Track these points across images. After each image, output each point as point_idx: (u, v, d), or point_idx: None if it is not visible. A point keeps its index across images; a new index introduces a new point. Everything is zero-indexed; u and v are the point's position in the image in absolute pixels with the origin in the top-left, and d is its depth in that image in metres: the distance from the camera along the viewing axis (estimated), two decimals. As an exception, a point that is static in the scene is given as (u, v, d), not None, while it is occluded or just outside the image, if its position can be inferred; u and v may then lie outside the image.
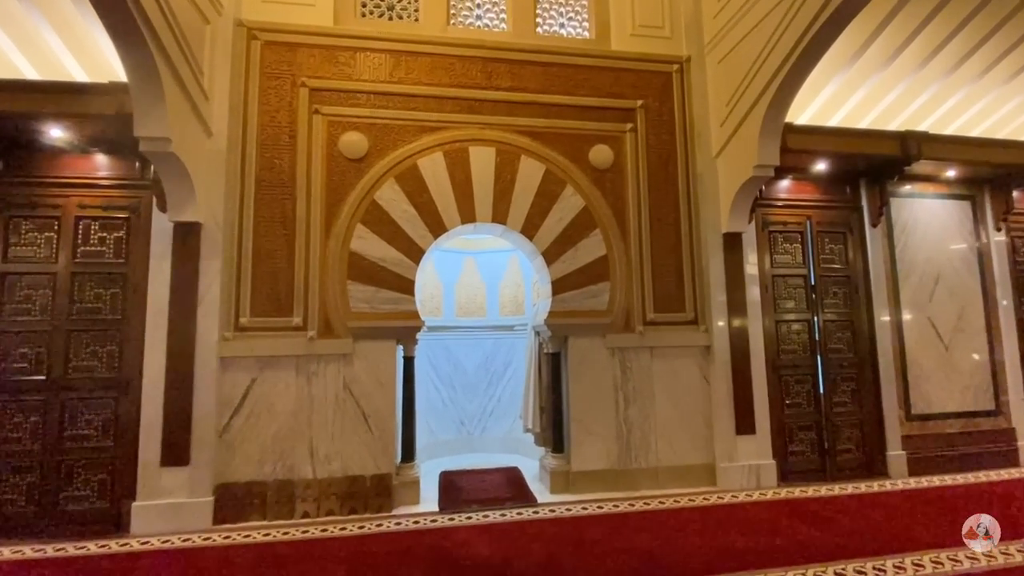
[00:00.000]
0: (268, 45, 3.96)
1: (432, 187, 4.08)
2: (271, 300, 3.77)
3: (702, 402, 4.32)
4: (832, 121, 4.55)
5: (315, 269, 3.84)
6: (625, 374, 4.21)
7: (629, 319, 4.26)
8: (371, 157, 4.02)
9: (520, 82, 4.33)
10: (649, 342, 4.25)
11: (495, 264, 5.57)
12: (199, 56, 3.51)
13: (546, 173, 4.26)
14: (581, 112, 4.39)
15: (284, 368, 3.74)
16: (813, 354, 4.63)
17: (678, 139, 4.53)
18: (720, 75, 4.38)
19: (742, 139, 4.09)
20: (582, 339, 4.18)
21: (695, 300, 4.39)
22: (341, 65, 4.06)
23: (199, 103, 3.53)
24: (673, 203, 4.46)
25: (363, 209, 3.96)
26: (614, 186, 4.39)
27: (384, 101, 4.09)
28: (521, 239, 4.27)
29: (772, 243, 4.65)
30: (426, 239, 4.04)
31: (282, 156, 3.90)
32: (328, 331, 3.83)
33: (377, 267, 3.92)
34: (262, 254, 3.79)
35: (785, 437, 4.46)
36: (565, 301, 4.17)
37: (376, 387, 3.85)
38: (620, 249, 4.31)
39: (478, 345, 5.56)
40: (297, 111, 3.94)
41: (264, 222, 3.82)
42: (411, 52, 4.17)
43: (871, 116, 4.55)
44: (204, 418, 3.53)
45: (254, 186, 3.83)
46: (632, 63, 4.52)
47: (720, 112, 4.35)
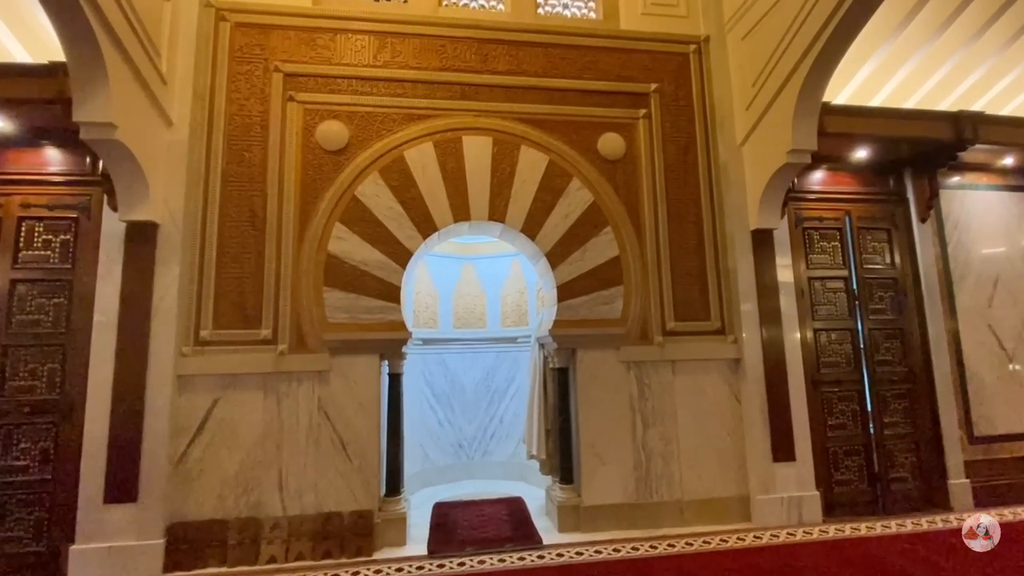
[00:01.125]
0: (239, 27, 3.57)
1: (421, 181, 3.62)
2: (237, 310, 3.31)
3: (732, 424, 3.75)
4: (872, 103, 4.03)
5: (287, 274, 3.38)
6: (643, 392, 3.67)
7: (646, 329, 3.74)
8: (352, 148, 3.58)
9: (519, 65, 3.88)
10: (670, 355, 3.71)
11: (495, 270, 5.08)
12: (155, 36, 3.11)
13: (549, 164, 3.78)
14: (588, 97, 3.93)
15: (250, 387, 3.26)
16: (858, 367, 4.05)
17: (698, 126, 4.04)
18: (744, 53, 3.90)
19: (772, 122, 3.59)
20: (593, 352, 3.66)
21: (721, 307, 3.85)
22: (320, 48, 3.64)
23: (155, 88, 3.12)
24: (694, 197, 3.95)
25: (342, 206, 3.51)
26: (627, 179, 3.89)
27: (367, 87, 3.66)
28: (522, 239, 3.78)
29: (807, 242, 4.10)
30: (414, 239, 3.57)
31: (252, 148, 3.47)
32: (301, 345, 3.35)
33: (358, 271, 3.45)
34: (227, 257, 3.35)
35: (829, 464, 3.87)
36: (573, 309, 3.66)
37: (356, 409, 3.35)
38: (634, 249, 3.80)
39: (478, 359, 5.05)
40: (270, 98, 3.53)
41: (231, 222, 3.38)
42: (398, 33, 3.75)
43: (916, 97, 4.04)
44: (156, 446, 3.06)
45: (220, 181, 3.40)
46: (644, 43, 4.06)
47: (745, 94, 3.86)
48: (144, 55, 3.00)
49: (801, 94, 3.30)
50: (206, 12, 3.51)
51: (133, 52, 2.88)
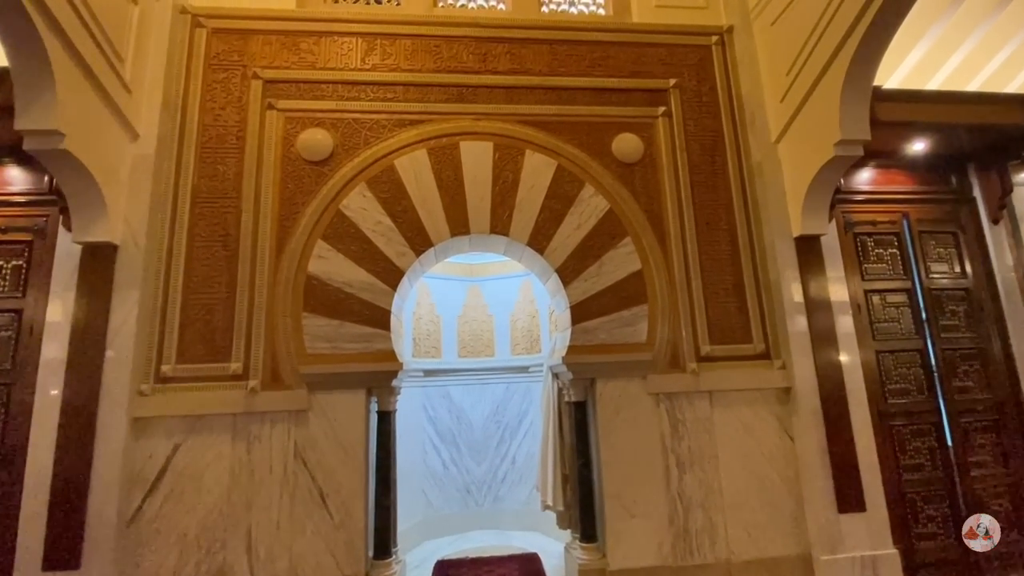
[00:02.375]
0: (216, 33, 3.29)
1: (413, 192, 3.22)
2: (204, 341, 2.91)
3: (786, 466, 3.14)
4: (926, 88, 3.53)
5: (262, 300, 2.98)
6: (676, 429, 3.11)
7: (677, 354, 3.20)
8: (337, 158, 3.21)
9: (522, 64, 3.51)
10: (706, 384, 3.16)
11: (504, 292, 4.62)
12: (118, 40, 2.83)
13: (558, 170, 3.36)
14: (600, 96, 3.52)
15: (217, 430, 2.82)
16: (931, 395, 3.42)
17: (725, 123, 3.58)
18: (774, 41, 3.46)
19: (813, 113, 3.11)
20: (615, 382, 3.13)
21: (764, 327, 3.30)
22: (303, 53, 3.34)
23: (118, 97, 2.83)
24: (725, 202, 3.46)
25: (325, 222, 3.12)
26: (646, 183, 3.44)
27: (354, 91, 3.32)
28: (529, 254, 3.33)
29: (860, 249, 3.55)
30: (405, 257, 3.15)
31: (227, 161, 3.13)
32: (276, 380, 2.91)
33: (342, 294, 3.03)
34: (196, 282, 2.96)
35: (907, 513, 3.21)
36: (589, 332, 3.15)
37: (339, 455, 2.87)
38: (659, 262, 3.30)
39: (486, 392, 4.53)
40: (248, 107, 3.21)
41: (200, 242, 3.02)
42: (388, 34, 3.43)
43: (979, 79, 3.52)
44: (105, 502, 2.62)
45: (190, 198, 3.05)
46: (660, 37, 3.67)
47: (778, 85, 3.41)
48: (103, 60, 2.71)
49: (849, 76, 2.83)
50: (181, 19, 3.25)
51: (88, 56, 2.58)
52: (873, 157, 3.53)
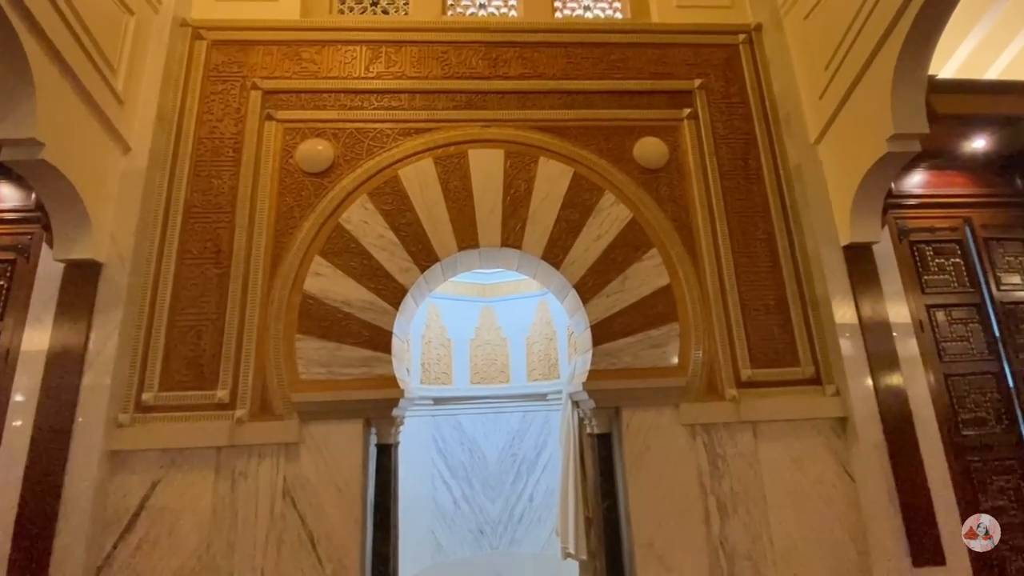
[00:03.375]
0: (216, 45, 3.18)
1: (418, 204, 2.99)
2: (190, 366, 2.67)
3: (846, 511, 2.71)
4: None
5: (253, 320, 2.74)
6: (716, 466, 2.71)
7: (713, 379, 2.83)
8: (337, 169, 3.01)
9: (535, 68, 3.30)
10: (749, 414, 2.77)
11: (519, 313, 4.31)
12: (110, 50, 2.71)
13: (575, 178, 3.09)
14: (618, 99, 3.28)
15: (199, 466, 2.54)
16: (1012, 425, 2.95)
17: (757, 125, 3.29)
18: (808, 35, 3.19)
19: (859, 107, 2.81)
20: (643, 412, 2.76)
21: (813, 347, 2.91)
22: (305, 62, 3.19)
23: (108, 109, 2.69)
24: (761, 208, 3.13)
25: (323, 237, 2.90)
26: (672, 190, 3.14)
27: (357, 100, 3.14)
28: (544, 269, 3.04)
29: (918, 259, 3.16)
30: (409, 272, 2.89)
31: (222, 175, 2.96)
32: (265, 410, 2.64)
33: (339, 314, 2.77)
34: (183, 302, 2.75)
35: (994, 567, 2.72)
36: (613, 355, 2.82)
37: (332, 494, 2.56)
38: (689, 276, 2.97)
39: (500, 422, 4.18)
40: (246, 118, 3.05)
41: (191, 259, 2.81)
42: (394, 42, 3.27)
43: (1043, 71, 3.17)
44: (73, 546, 2.34)
45: (182, 213, 2.87)
46: (682, 37, 3.43)
47: (816, 82, 3.11)
48: (92, 70, 2.58)
49: (900, 62, 2.52)
50: (180, 31, 3.14)
51: (75, 64, 2.45)
52: (927, 157, 3.15)
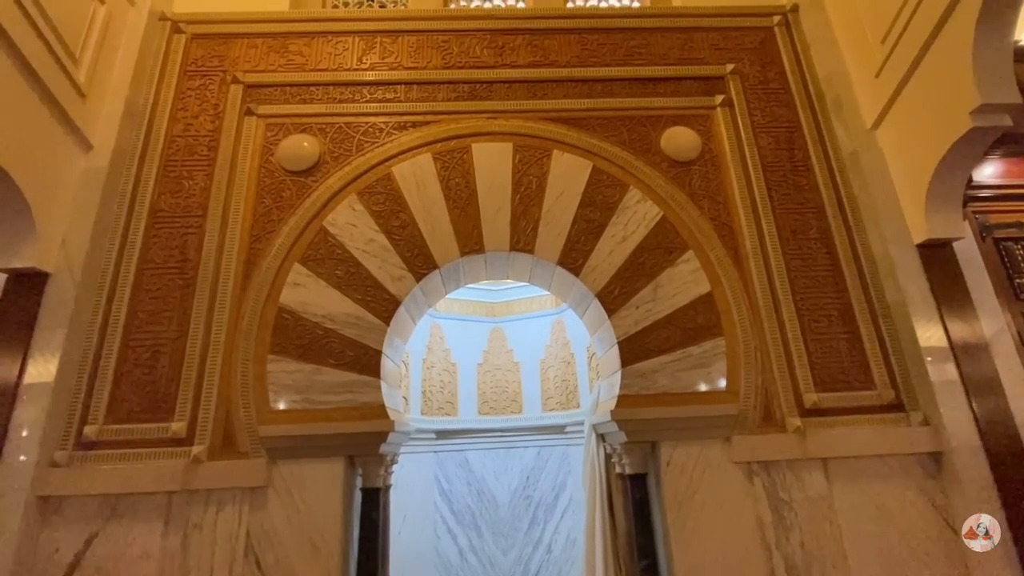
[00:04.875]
0: (197, 39, 2.90)
1: (414, 204, 2.60)
2: (143, 394, 2.25)
3: (949, 572, 2.13)
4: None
5: (220, 339, 2.34)
6: (781, 516, 2.17)
7: (771, 406, 2.32)
8: (324, 167, 2.66)
9: (546, 55, 2.96)
10: (818, 448, 2.24)
11: (532, 333, 3.85)
12: (71, 37, 2.42)
13: (594, 172, 2.69)
14: (641, 87, 2.90)
15: (145, 515, 2.09)
16: None
17: (801, 111, 2.87)
18: (856, 8, 2.81)
19: (929, 81, 2.39)
20: (687, 447, 2.25)
21: (889, 366, 2.40)
22: (292, 55, 2.89)
23: (66, 103, 2.38)
24: (813, 204, 2.68)
25: (305, 242, 2.51)
26: (707, 185, 2.72)
27: (348, 93, 2.82)
28: (561, 276, 2.60)
29: (1006, 259, 2.65)
30: (403, 282, 2.48)
31: (194, 175, 2.62)
32: (228, 446, 2.20)
33: (320, 331, 2.36)
34: (141, 319, 2.36)
35: None
36: (647, 376, 2.34)
37: (306, 552, 2.08)
38: (733, 282, 2.51)
39: (513, 459, 3.67)
40: (224, 114, 2.73)
41: (153, 268, 2.44)
42: (390, 31, 2.97)
43: None
44: (-17, 621, 1.89)
45: (146, 217, 2.52)
46: (709, 20, 3.08)
47: (870, 59, 2.71)
48: (49, 58, 2.28)
49: (982, 21, 2.11)
50: (159, 25, 2.88)
51: (27, 49, 2.16)
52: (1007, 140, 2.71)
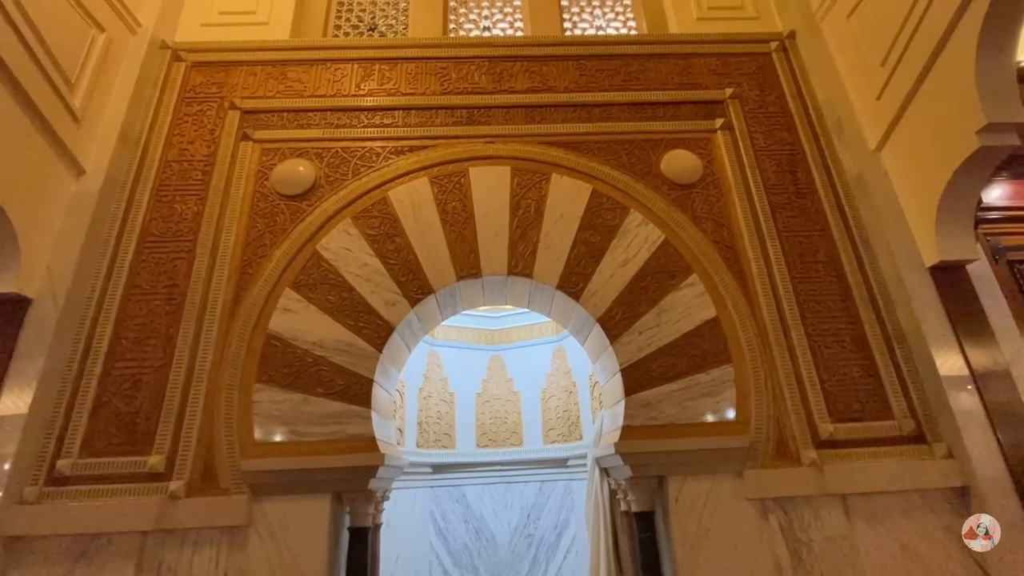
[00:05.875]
0: (197, 66, 2.91)
1: (410, 227, 2.55)
2: (121, 425, 2.14)
3: (987, 622, 1.96)
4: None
5: (205, 366, 2.24)
6: (800, 558, 2.01)
7: (784, 438, 2.20)
8: (319, 191, 2.62)
9: (544, 81, 2.96)
10: (836, 483, 2.10)
11: (532, 361, 3.74)
12: (68, 62, 2.43)
13: (594, 195, 2.64)
14: (639, 111, 2.89)
15: (115, 557, 1.95)
16: None
17: (803, 135, 2.85)
18: (855, 33, 2.81)
19: (933, 102, 2.36)
20: (696, 482, 2.11)
21: (907, 394, 2.28)
22: (290, 81, 2.90)
23: (58, 126, 2.36)
24: (819, 227, 2.62)
25: (297, 267, 2.45)
26: (710, 208, 2.66)
27: (345, 119, 2.81)
28: (561, 301, 2.52)
29: (1022, 282, 2.57)
30: (397, 307, 2.39)
31: (187, 200, 2.58)
32: (208, 481, 2.08)
33: (309, 358, 2.26)
34: (124, 346, 2.27)
35: None
36: (652, 406, 2.22)
37: (286, 597, 1.93)
38: (740, 306, 2.42)
39: (513, 494, 3.49)
40: (220, 140, 2.71)
41: (140, 294, 2.37)
42: (389, 59, 2.98)
43: None
44: (-68, 677, 1.73)
45: (136, 242, 2.46)
46: (707, 47, 3.09)
47: (871, 82, 2.69)
48: (42, 80, 2.28)
49: (984, 42, 2.09)
50: (160, 53, 2.90)
51: (20, 72, 2.15)
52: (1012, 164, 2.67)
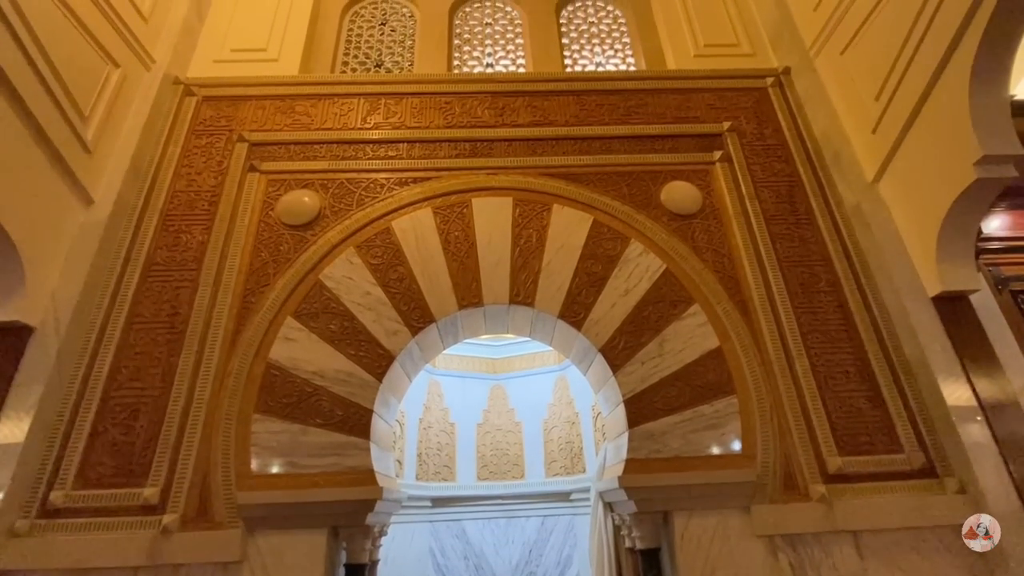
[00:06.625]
0: (207, 100, 3.00)
1: (413, 257, 2.57)
2: (117, 455, 2.11)
3: (1011, 670, 1.87)
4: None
5: (204, 395, 2.22)
6: (812, 599, 1.94)
7: (792, 471, 2.15)
8: (323, 221, 2.65)
9: (545, 115, 3.04)
10: (847, 520, 2.04)
11: (534, 392, 3.70)
12: (83, 98, 2.51)
13: (595, 226, 2.67)
14: (639, 144, 2.95)
15: (104, 597, 1.89)
16: None
17: (800, 166, 2.89)
18: (848, 69, 2.89)
19: (928, 135, 2.40)
20: (703, 518, 2.06)
21: (915, 426, 2.24)
22: (298, 115, 2.98)
23: (70, 157, 2.41)
24: (820, 257, 2.63)
25: (300, 296, 2.46)
26: (710, 238, 2.68)
27: (351, 151, 2.87)
28: (563, 330, 2.51)
29: (1026, 313, 2.56)
30: (398, 336, 2.39)
31: (192, 229, 2.61)
32: (203, 515, 2.03)
33: (308, 388, 2.24)
34: (124, 375, 2.26)
35: None
36: (656, 438, 2.18)
37: (278, 639, 1.86)
38: (743, 336, 2.40)
39: (515, 530, 3.40)
40: (227, 171, 2.77)
41: (142, 323, 2.37)
42: (394, 94, 3.07)
43: None
44: None
45: (140, 271, 2.48)
46: (704, 82, 3.17)
47: (866, 115, 2.75)
48: (56, 113, 2.34)
49: (976, 77, 2.15)
50: (172, 88, 2.99)
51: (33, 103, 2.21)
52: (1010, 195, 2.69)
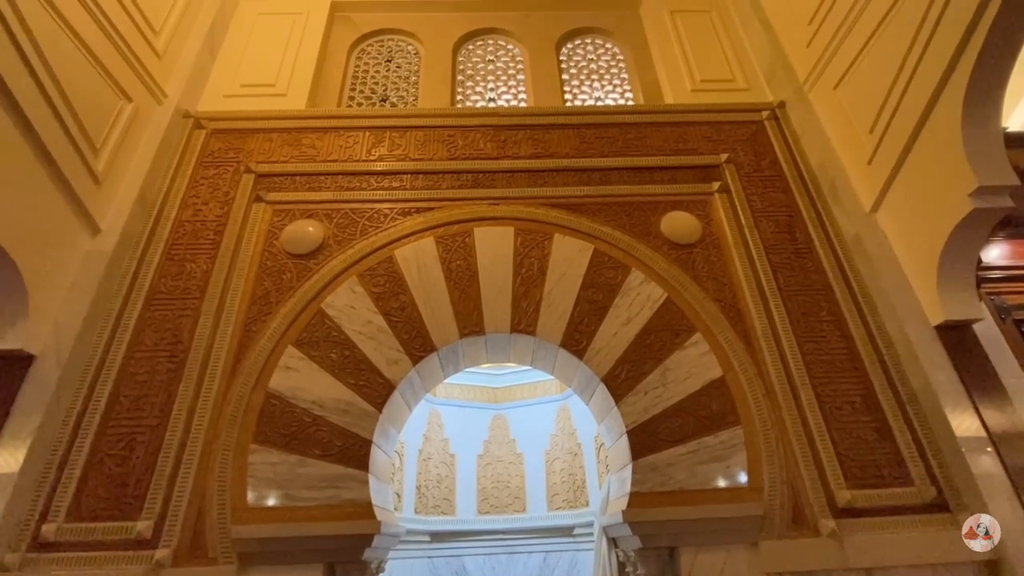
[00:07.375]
0: (216, 133, 3.08)
1: (415, 285, 2.58)
2: (112, 487, 2.08)
3: None
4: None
5: (202, 426, 2.20)
6: (825, 642, 1.87)
7: (800, 505, 2.09)
8: (326, 250, 2.67)
9: (546, 148, 3.10)
10: (858, 556, 1.98)
11: (536, 421, 3.64)
12: (95, 131, 2.58)
13: (595, 255, 2.69)
14: (638, 175, 3.00)
15: (91, 637, 1.83)
16: None
17: (798, 197, 2.93)
18: (842, 103, 2.96)
19: (924, 167, 2.45)
20: (710, 553, 2.00)
21: (925, 459, 2.19)
22: (304, 147, 3.05)
23: (79, 187, 2.47)
24: (820, 286, 2.63)
25: (301, 324, 2.46)
26: (710, 267, 2.69)
27: (355, 182, 2.92)
28: (564, 359, 2.50)
29: (1031, 342, 2.54)
30: (399, 365, 2.37)
31: (197, 259, 2.64)
32: (196, 549, 1.98)
33: (307, 418, 2.22)
34: (123, 405, 2.24)
35: None
36: (660, 471, 2.14)
37: None
38: (746, 366, 2.38)
39: (516, 566, 3.29)
40: (233, 201, 2.81)
41: (143, 352, 2.37)
42: (399, 127, 3.15)
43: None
44: None
45: (143, 299, 2.49)
46: (702, 115, 3.25)
47: (861, 147, 2.80)
48: (68, 146, 2.41)
49: (968, 111, 2.20)
50: (183, 122, 3.07)
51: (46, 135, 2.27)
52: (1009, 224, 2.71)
